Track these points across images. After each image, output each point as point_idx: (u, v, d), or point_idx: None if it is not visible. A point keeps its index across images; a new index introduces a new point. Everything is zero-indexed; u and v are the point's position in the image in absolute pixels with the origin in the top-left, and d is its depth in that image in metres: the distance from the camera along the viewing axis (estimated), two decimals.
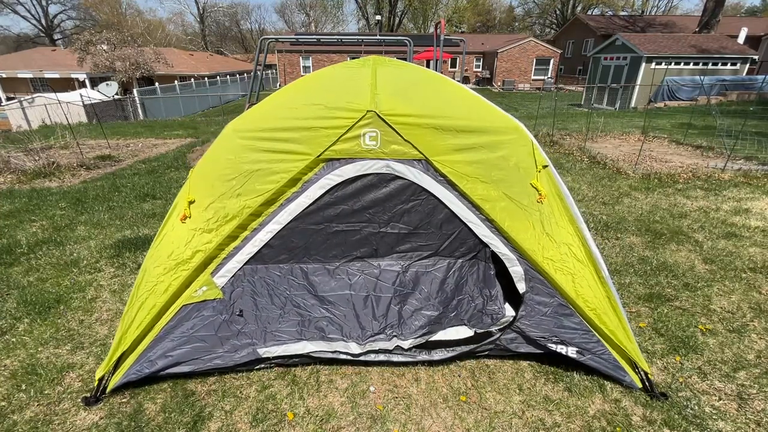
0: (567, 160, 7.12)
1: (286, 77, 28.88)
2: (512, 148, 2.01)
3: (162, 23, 57.69)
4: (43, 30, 44.72)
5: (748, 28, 18.93)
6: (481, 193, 1.98)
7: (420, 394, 2.14)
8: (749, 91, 14.49)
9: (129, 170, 6.76)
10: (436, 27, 7.10)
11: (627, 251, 3.68)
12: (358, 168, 1.99)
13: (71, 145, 7.93)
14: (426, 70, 2.44)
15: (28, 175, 6.26)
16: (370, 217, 2.17)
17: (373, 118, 1.87)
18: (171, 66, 24.00)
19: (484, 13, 56.23)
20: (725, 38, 17.09)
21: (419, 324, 2.20)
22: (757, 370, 2.29)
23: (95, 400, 2.05)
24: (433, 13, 50.37)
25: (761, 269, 3.34)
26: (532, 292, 2.10)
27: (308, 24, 60.11)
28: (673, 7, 49.67)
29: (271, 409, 2.04)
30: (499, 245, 2.07)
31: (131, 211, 4.78)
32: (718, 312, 2.81)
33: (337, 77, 2.29)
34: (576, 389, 2.14)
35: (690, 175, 5.93)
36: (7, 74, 23.78)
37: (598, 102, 17.00)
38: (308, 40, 25.67)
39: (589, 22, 29.99)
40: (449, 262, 2.30)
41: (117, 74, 20.06)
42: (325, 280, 2.27)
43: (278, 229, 2.07)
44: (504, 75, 29.03)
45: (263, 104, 2.15)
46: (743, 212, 4.57)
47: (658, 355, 2.41)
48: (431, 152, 1.94)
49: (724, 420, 1.97)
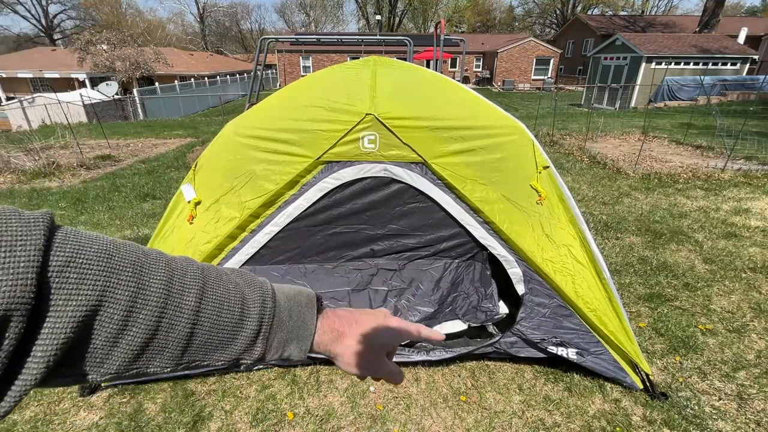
0: (567, 160, 7.12)
1: (286, 77, 28.88)
2: (512, 149, 2.01)
3: (162, 23, 57.76)
4: (43, 30, 44.73)
5: (748, 28, 18.92)
6: (480, 195, 1.98)
7: (420, 394, 2.14)
8: (749, 91, 14.49)
9: (129, 170, 6.76)
10: (436, 27, 7.10)
11: (627, 251, 3.68)
12: (357, 171, 1.99)
13: (71, 145, 7.93)
14: (426, 70, 2.44)
15: (28, 175, 6.26)
16: (368, 219, 2.17)
17: (372, 122, 1.87)
18: (171, 66, 24.00)
19: (484, 13, 56.23)
20: (725, 38, 17.08)
21: (415, 320, 2.21)
22: (757, 370, 2.29)
23: (90, 391, 2.10)
24: (433, 13, 50.38)
25: (761, 269, 3.34)
26: (531, 293, 2.10)
27: (308, 24, 60.13)
28: (673, 7, 49.71)
29: (271, 409, 2.04)
30: (497, 247, 2.07)
31: (131, 211, 4.78)
32: (718, 312, 2.81)
33: (337, 78, 2.29)
34: (576, 389, 2.14)
35: (690, 175, 5.93)
36: (7, 74, 23.78)
37: (598, 102, 16.99)
38: (308, 40, 25.61)
39: (589, 22, 29.98)
40: (445, 263, 2.31)
41: (117, 74, 20.07)
42: (322, 278, 2.28)
43: (276, 231, 2.07)
44: (504, 75, 29.02)
45: (263, 105, 2.15)
46: (743, 212, 4.57)
47: (658, 355, 2.41)
48: (430, 155, 1.93)
49: (724, 420, 1.98)
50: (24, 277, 0.30)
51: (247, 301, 0.45)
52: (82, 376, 0.36)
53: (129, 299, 0.37)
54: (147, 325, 0.38)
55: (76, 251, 0.34)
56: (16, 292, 0.29)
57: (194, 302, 0.41)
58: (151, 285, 0.38)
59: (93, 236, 0.37)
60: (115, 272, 0.36)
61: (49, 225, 0.34)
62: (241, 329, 0.44)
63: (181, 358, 0.41)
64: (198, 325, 0.41)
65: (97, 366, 0.36)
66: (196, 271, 0.43)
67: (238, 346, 0.44)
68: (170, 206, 2.17)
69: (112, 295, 0.35)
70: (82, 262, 0.34)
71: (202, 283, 0.43)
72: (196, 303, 0.41)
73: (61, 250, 0.34)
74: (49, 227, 0.34)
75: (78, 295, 0.33)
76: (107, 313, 0.35)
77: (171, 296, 0.40)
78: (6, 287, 0.29)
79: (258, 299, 0.46)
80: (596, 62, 18.30)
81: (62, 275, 0.33)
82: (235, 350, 0.44)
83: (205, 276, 0.44)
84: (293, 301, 0.48)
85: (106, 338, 0.36)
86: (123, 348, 0.37)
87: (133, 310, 0.37)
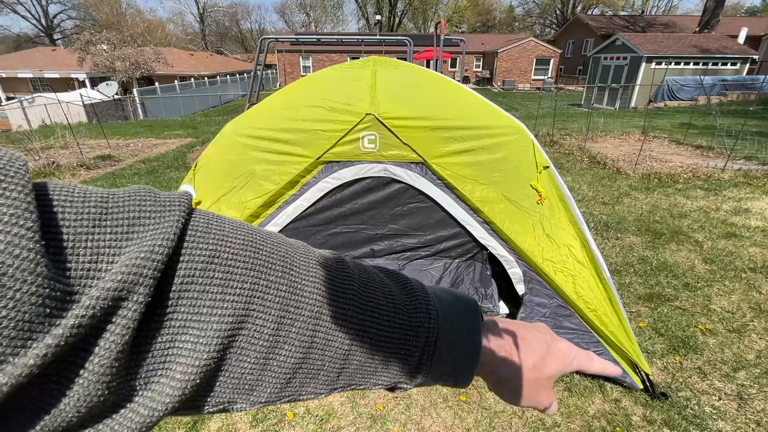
0: (567, 160, 7.12)
1: (286, 77, 28.88)
2: (512, 149, 2.01)
3: (162, 23, 57.78)
4: (43, 30, 44.75)
5: (748, 28, 18.92)
6: (480, 195, 1.98)
7: (420, 394, 2.14)
8: (749, 91, 14.49)
9: (129, 170, 6.76)
10: (436, 27, 7.10)
11: (627, 251, 3.68)
12: (356, 171, 1.99)
13: (71, 145, 7.94)
14: (426, 70, 2.44)
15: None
16: (368, 219, 2.17)
17: (372, 122, 1.87)
18: (171, 66, 24.01)
19: (484, 13, 56.26)
20: (726, 38, 17.08)
21: None
22: (757, 370, 2.29)
23: None
24: (433, 13, 50.40)
25: (761, 269, 3.34)
26: (531, 293, 2.10)
27: (308, 24, 60.15)
28: (673, 7, 49.72)
29: (271, 409, 2.04)
30: (497, 247, 2.07)
31: None
32: (718, 312, 2.81)
33: (337, 78, 2.29)
34: (576, 389, 2.14)
35: (690, 175, 5.93)
36: (7, 74, 23.78)
37: (598, 102, 16.99)
38: (308, 40, 25.61)
39: (589, 22, 29.99)
40: (446, 263, 2.31)
41: (117, 74, 20.08)
42: None
43: (276, 231, 2.07)
44: (504, 75, 29.02)
45: (263, 105, 2.16)
46: (743, 212, 4.57)
47: (658, 354, 2.41)
48: (430, 155, 1.94)
49: (724, 420, 1.98)
50: (139, 271, 0.23)
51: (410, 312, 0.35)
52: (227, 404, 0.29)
53: (280, 307, 0.29)
54: (301, 341, 0.30)
55: (222, 242, 0.27)
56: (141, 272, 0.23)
57: (352, 311, 0.33)
58: (305, 289, 0.31)
59: (236, 223, 0.30)
60: (264, 271, 0.29)
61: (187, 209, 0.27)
62: (403, 347, 0.34)
63: (336, 382, 0.34)
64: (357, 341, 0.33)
65: (245, 393, 0.29)
66: (350, 271, 0.34)
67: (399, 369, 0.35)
68: None
69: (261, 302, 0.28)
70: (227, 258, 0.27)
71: (358, 286, 0.34)
72: (354, 312, 0.33)
73: (204, 240, 0.27)
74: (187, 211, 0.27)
75: (224, 301, 0.26)
76: (255, 326, 0.28)
77: (326, 304, 0.32)
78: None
79: (422, 309, 0.36)
80: (596, 62, 18.30)
81: (206, 274, 0.26)
82: (394, 373, 0.35)
83: (361, 277, 0.35)
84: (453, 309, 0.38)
85: (256, 359, 0.28)
86: (274, 371, 0.30)
87: (284, 321, 0.29)
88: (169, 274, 0.25)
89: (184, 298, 0.25)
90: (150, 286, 0.23)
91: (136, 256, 0.23)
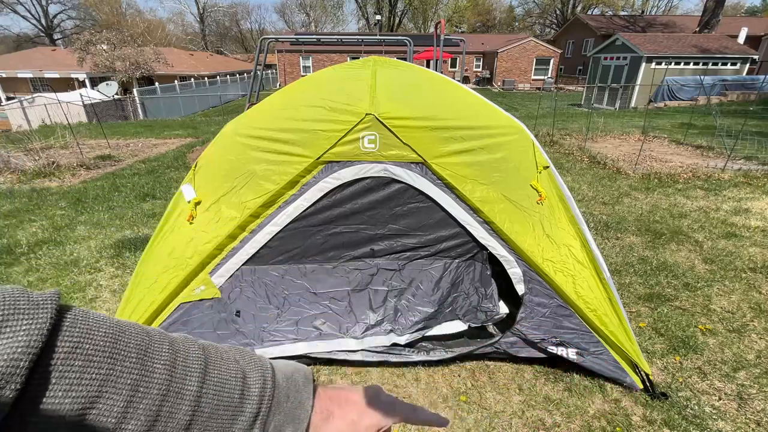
0: (567, 160, 7.12)
1: (286, 77, 28.88)
2: (513, 149, 2.01)
3: (162, 23, 57.73)
4: (43, 30, 44.73)
5: (748, 28, 18.92)
6: (480, 195, 1.98)
7: (420, 394, 2.14)
8: (749, 91, 14.49)
9: (129, 170, 6.76)
10: (436, 27, 7.10)
11: (627, 251, 3.68)
12: (356, 171, 1.99)
13: (71, 145, 7.93)
14: (426, 70, 2.44)
15: (28, 175, 6.26)
16: (368, 219, 2.17)
17: (372, 122, 1.87)
18: (171, 66, 24.00)
19: (484, 13, 56.26)
20: (726, 38, 17.09)
21: (415, 320, 2.21)
22: (757, 370, 2.29)
23: None
24: (433, 13, 50.40)
25: (761, 269, 3.34)
26: (531, 293, 2.10)
27: (308, 24, 60.14)
28: (673, 7, 49.71)
29: None
30: (497, 247, 2.07)
31: (131, 211, 4.78)
32: (718, 312, 2.81)
33: (337, 78, 2.29)
34: (576, 389, 2.14)
35: (690, 175, 5.93)
36: (7, 74, 23.78)
37: (598, 102, 17.00)
38: (308, 40, 25.62)
39: (589, 22, 29.99)
40: (446, 263, 2.31)
41: (117, 74, 20.07)
42: (322, 278, 2.28)
43: (276, 231, 2.07)
44: (504, 75, 29.02)
45: (263, 105, 2.15)
46: (743, 212, 4.57)
47: (658, 354, 2.41)
48: (430, 155, 1.94)
49: (724, 420, 1.98)
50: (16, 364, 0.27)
51: (248, 382, 0.42)
52: None
53: (131, 388, 0.34)
54: (147, 416, 0.34)
55: (84, 336, 0.33)
56: None
57: (196, 387, 0.38)
58: (155, 371, 0.36)
59: (100, 318, 0.35)
60: (120, 358, 0.34)
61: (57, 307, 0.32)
62: (240, 413, 0.41)
63: None
64: (198, 411, 0.38)
65: None
66: (198, 351, 0.41)
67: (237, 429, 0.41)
68: (170, 206, 2.17)
69: (113, 385, 0.33)
70: (88, 348, 0.32)
71: (204, 365, 0.40)
72: (197, 387, 0.38)
73: (69, 334, 0.32)
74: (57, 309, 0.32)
75: (79, 386, 0.31)
76: (106, 405, 0.32)
77: (173, 382, 0.37)
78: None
79: (258, 379, 0.43)
80: (596, 62, 18.30)
81: (67, 363, 0.31)
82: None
83: (207, 356, 0.41)
84: (291, 381, 0.46)
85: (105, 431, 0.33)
86: None
87: (134, 400, 0.34)
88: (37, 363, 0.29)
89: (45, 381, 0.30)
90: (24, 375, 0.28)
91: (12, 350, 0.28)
